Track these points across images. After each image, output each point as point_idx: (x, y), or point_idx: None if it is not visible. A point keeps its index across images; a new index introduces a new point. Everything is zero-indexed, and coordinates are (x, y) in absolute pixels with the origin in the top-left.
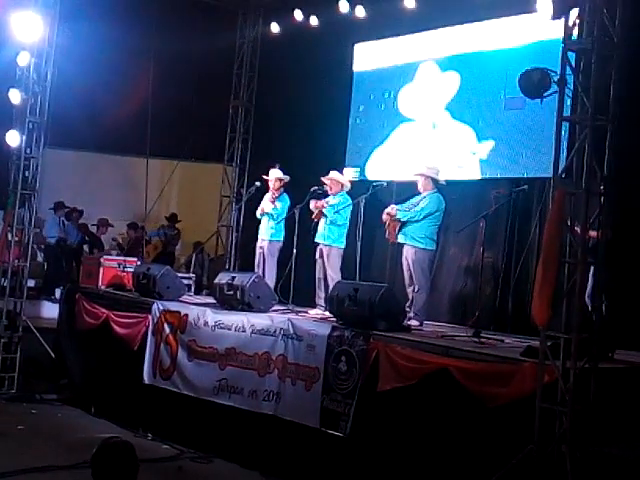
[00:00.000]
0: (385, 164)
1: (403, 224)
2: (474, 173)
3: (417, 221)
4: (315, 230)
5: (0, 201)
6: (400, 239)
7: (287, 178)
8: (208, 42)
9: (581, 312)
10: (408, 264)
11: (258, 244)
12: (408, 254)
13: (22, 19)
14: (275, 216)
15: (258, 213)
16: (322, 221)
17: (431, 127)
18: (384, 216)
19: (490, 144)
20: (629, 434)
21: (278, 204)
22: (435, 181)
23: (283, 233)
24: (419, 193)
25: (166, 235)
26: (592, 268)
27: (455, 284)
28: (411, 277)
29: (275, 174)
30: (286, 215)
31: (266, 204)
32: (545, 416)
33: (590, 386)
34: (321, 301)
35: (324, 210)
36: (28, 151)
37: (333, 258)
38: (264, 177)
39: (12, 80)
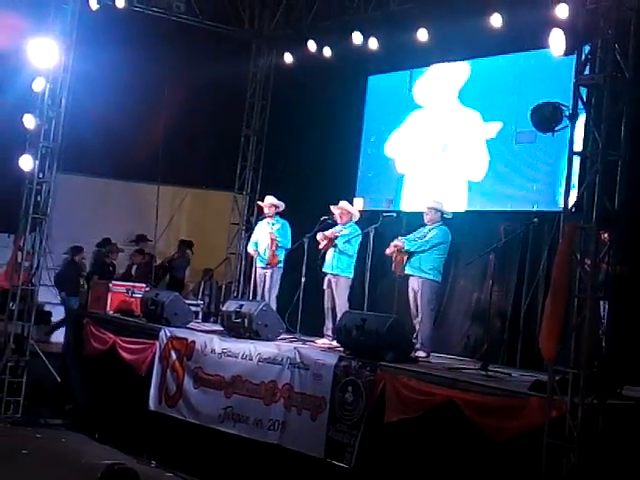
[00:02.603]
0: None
1: (410, 256)
2: (484, 205)
3: (424, 252)
4: (322, 260)
5: (11, 225)
6: (407, 270)
7: (282, 205)
8: (221, 71)
9: (590, 347)
10: (414, 295)
11: (260, 272)
12: (414, 285)
13: (38, 45)
14: (280, 244)
15: (251, 248)
16: (330, 251)
17: (442, 150)
18: (390, 249)
19: (501, 176)
20: (637, 472)
21: (276, 233)
22: (441, 213)
23: (283, 260)
24: (425, 225)
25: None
26: (605, 303)
27: (464, 317)
28: (417, 308)
29: (270, 200)
30: (290, 243)
31: (263, 230)
32: (552, 452)
33: (598, 422)
34: (329, 331)
35: (336, 240)
36: (41, 176)
37: (341, 288)
38: (259, 203)
39: (27, 105)
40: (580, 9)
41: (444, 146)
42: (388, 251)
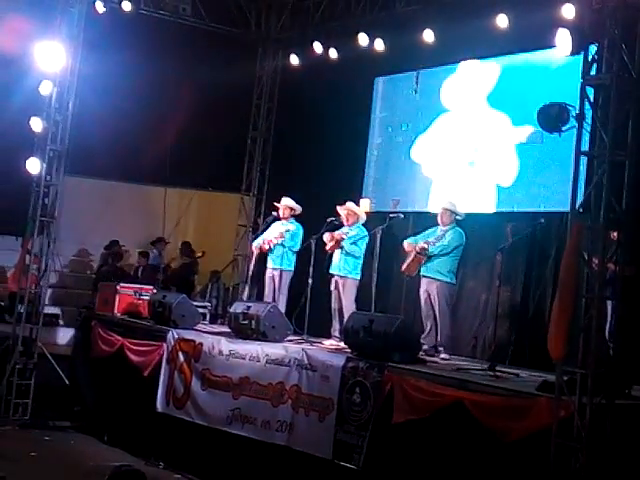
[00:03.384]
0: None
1: (429, 258)
2: (490, 206)
3: (446, 254)
4: (329, 261)
5: (19, 228)
6: (423, 272)
7: (299, 209)
8: (228, 73)
9: (598, 347)
10: (429, 297)
11: (268, 273)
12: (431, 288)
13: (45, 49)
14: (290, 247)
15: (255, 247)
16: (337, 252)
17: (470, 154)
18: (410, 247)
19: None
20: None
21: (278, 238)
22: (455, 214)
23: (294, 263)
24: (436, 225)
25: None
26: (611, 304)
27: (472, 317)
28: (431, 309)
29: (286, 202)
30: (300, 246)
31: (275, 230)
32: (561, 452)
33: (606, 422)
34: (336, 332)
35: (343, 242)
36: (48, 178)
37: (348, 289)
38: (275, 204)
39: (34, 109)
40: (586, 9)
41: (474, 150)
42: (408, 248)
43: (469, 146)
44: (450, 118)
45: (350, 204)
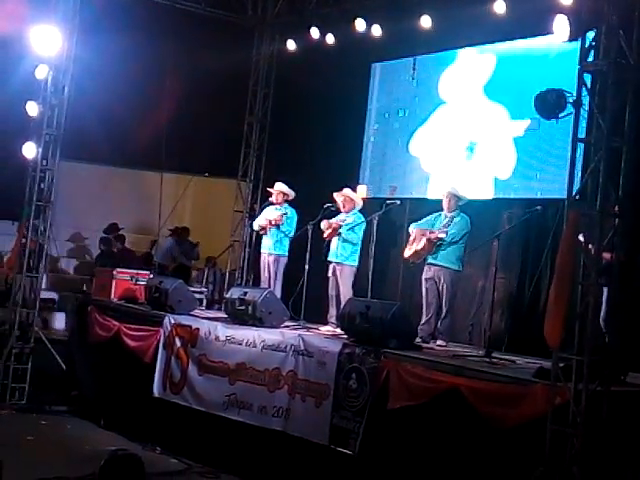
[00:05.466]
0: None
1: (439, 246)
2: (488, 193)
3: (456, 242)
4: (327, 248)
5: (15, 212)
6: (431, 260)
7: (292, 194)
8: (224, 58)
9: (594, 334)
10: (437, 284)
11: (264, 258)
12: (440, 275)
13: (41, 33)
14: (286, 232)
15: (257, 225)
16: (335, 239)
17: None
18: (419, 232)
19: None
20: None
21: (280, 218)
22: (458, 199)
23: (288, 248)
24: (437, 211)
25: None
26: (606, 290)
27: (468, 304)
28: (438, 297)
29: (279, 187)
30: (295, 232)
31: (269, 216)
32: (556, 438)
33: (602, 409)
34: (332, 318)
35: (340, 229)
36: (44, 163)
37: (346, 276)
38: (268, 189)
39: (30, 93)
40: None
41: (471, 143)
42: (418, 233)
43: (466, 139)
44: (447, 110)
45: (347, 190)
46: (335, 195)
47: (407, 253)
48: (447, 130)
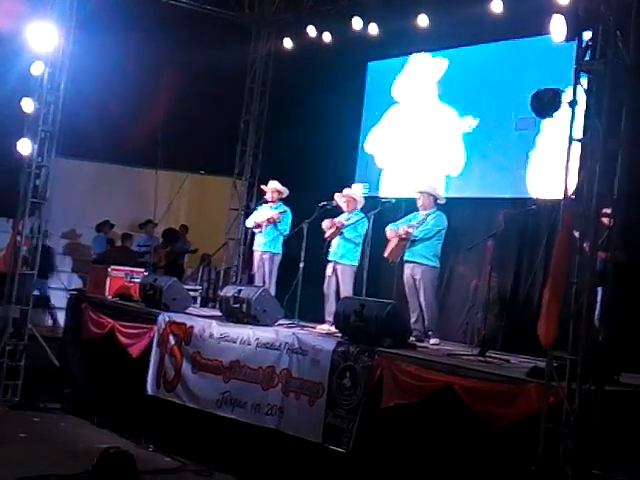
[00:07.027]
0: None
1: (412, 243)
2: (484, 192)
3: (429, 239)
4: (328, 247)
5: (10, 209)
6: (407, 257)
7: (286, 192)
8: (221, 56)
9: (588, 334)
10: (414, 282)
11: (257, 257)
12: (416, 272)
13: (37, 29)
14: (282, 230)
15: (252, 222)
16: (336, 239)
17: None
18: (391, 233)
19: (499, 163)
20: (634, 458)
21: (279, 216)
22: (435, 198)
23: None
24: (416, 211)
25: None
26: (600, 290)
27: (463, 303)
28: (416, 295)
29: (273, 185)
30: (290, 231)
31: (265, 214)
32: (549, 437)
33: (595, 408)
34: (330, 317)
35: (343, 229)
36: (39, 160)
37: (347, 276)
38: (262, 187)
39: (25, 89)
40: None
41: (422, 141)
42: (390, 234)
43: (418, 138)
44: (400, 110)
45: (348, 190)
46: (336, 196)
47: (386, 253)
48: (400, 129)
